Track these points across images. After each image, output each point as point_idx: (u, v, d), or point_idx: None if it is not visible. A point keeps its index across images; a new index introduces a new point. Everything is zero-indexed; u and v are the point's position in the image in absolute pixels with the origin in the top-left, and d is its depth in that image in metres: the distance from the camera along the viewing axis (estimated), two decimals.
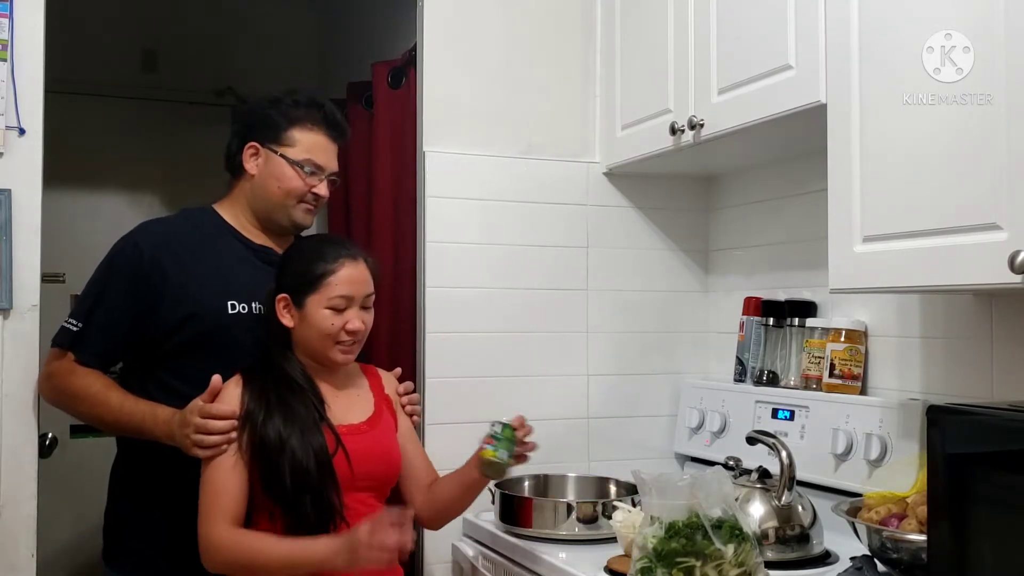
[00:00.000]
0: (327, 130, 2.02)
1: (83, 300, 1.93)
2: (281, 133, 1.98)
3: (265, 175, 1.98)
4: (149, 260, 1.89)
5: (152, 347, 1.90)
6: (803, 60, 1.81)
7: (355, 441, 1.80)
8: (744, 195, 2.53)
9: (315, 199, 2.01)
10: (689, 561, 1.55)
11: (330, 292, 1.80)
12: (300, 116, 2.00)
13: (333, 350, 1.82)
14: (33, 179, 1.98)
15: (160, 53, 4.00)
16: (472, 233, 2.41)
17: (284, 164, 1.97)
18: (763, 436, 1.93)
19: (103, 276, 1.94)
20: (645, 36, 2.33)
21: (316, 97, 2.05)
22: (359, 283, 1.84)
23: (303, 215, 2.01)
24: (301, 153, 1.97)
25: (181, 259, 1.91)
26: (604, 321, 2.52)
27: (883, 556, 1.65)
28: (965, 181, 1.44)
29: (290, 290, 1.83)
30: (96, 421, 1.89)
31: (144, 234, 1.96)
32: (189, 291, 1.89)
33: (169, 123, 3.93)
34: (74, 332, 1.90)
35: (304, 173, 1.97)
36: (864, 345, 2.08)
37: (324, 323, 1.80)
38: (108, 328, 1.90)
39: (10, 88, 1.95)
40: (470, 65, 2.45)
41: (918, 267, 1.52)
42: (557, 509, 2.08)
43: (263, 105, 2.04)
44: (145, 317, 1.89)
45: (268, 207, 1.99)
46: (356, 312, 1.83)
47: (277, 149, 1.97)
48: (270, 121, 2.00)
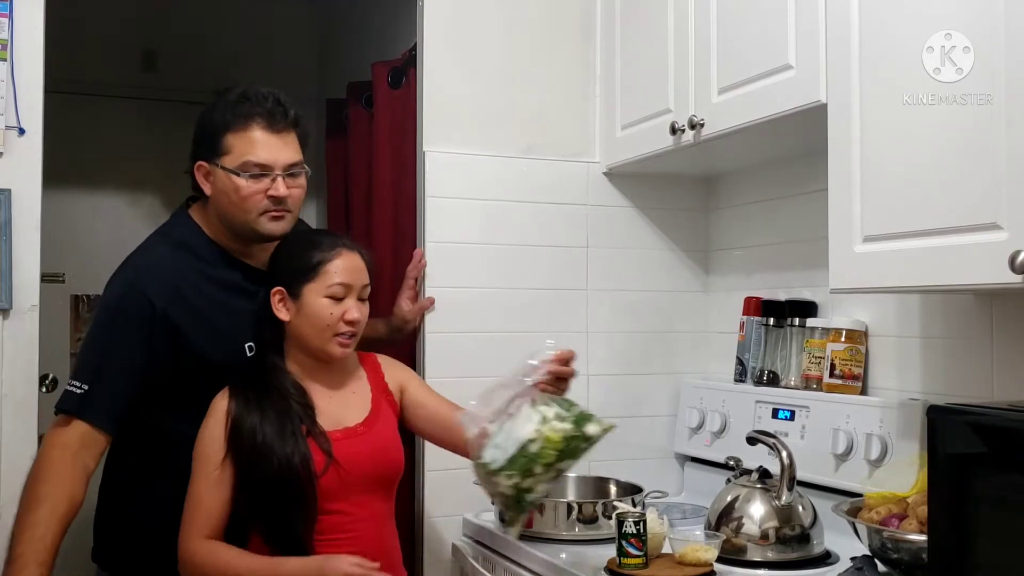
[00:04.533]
0: (261, 121, 1.82)
1: (86, 358, 1.82)
2: (218, 143, 1.82)
3: (217, 193, 1.84)
4: (161, 314, 1.79)
5: (159, 392, 1.83)
6: (803, 60, 1.81)
7: (350, 445, 1.78)
8: (744, 195, 2.52)
9: (276, 202, 1.82)
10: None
11: (328, 279, 1.76)
12: (229, 119, 1.82)
13: (331, 343, 1.78)
14: (33, 179, 1.98)
15: (160, 53, 4.00)
16: (472, 233, 2.41)
17: (226, 176, 1.81)
18: (763, 436, 1.93)
19: (108, 329, 1.80)
20: (645, 36, 2.33)
21: (248, 89, 1.85)
22: (357, 271, 1.80)
23: (270, 224, 1.84)
24: (238, 158, 1.80)
25: (193, 307, 1.82)
26: (604, 321, 2.52)
27: (883, 556, 1.65)
28: (965, 181, 1.44)
29: (286, 281, 1.79)
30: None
31: (146, 281, 1.81)
32: (204, 342, 1.82)
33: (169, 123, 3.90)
34: (79, 395, 1.76)
35: (248, 179, 1.80)
36: (864, 345, 2.08)
37: (322, 313, 1.76)
38: (121, 386, 1.78)
39: (10, 88, 1.95)
40: (470, 65, 2.45)
41: (918, 267, 1.52)
42: (557, 509, 2.08)
43: (202, 116, 1.88)
44: (157, 369, 1.80)
45: (232, 224, 1.86)
46: (354, 302, 1.79)
47: (218, 162, 1.82)
48: (206, 132, 1.85)
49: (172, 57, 4.00)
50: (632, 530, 1.76)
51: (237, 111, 1.82)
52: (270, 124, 1.82)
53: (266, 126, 1.82)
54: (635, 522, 1.76)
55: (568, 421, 1.66)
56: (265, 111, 1.82)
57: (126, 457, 1.92)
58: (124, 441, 1.87)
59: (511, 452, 1.62)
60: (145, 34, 3.96)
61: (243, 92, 1.85)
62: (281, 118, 1.84)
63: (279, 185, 1.82)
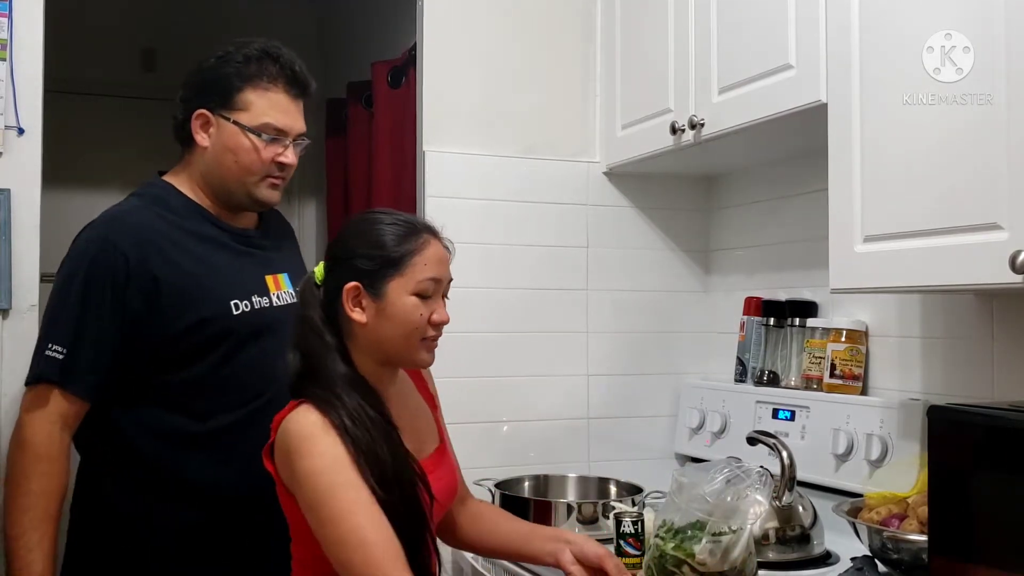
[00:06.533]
0: (286, 85, 1.75)
1: (60, 318, 1.65)
2: (233, 96, 1.71)
3: (219, 147, 1.72)
4: (136, 265, 1.64)
5: (147, 358, 1.68)
6: (803, 60, 1.81)
7: (437, 479, 1.51)
8: (744, 195, 2.52)
9: (280, 169, 1.74)
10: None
11: (418, 274, 1.46)
12: (252, 72, 1.72)
13: (419, 349, 1.49)
14: (32, 179, 1.98)
15: (160, 53, 4.00)
16: (472, 233, 2.40)
17: (239, 133, 1.71)
18: (764, 436, 1.93)
19: (81, 288, 1.65)
20: (645, 36, 2.33)
21: (270, 47, 1.75)
22: (446, 264, 1.53)
23: (268, 191, 1.75)
24: (257, 117, 1.71)
25: (171, 259, 1.67)
26: (604, 321, 2.52)
27: (884, 556, 1.65)
28: (965, 181, 1.44)
29: (364, 275, 1.46)
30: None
31: (119, 233, 1.68)
32: (191, 296, 1.67)
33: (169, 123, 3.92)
34: (60, 361, 1.62)
35: (263, 141, 1.71)
36: (865, 345, 2.08)
37: (412, 314, 1.45)
38: (100, 348, 1.64)
39: (9, 88, 1.95)
40: (470, 65, 2.45)
41: (919, 267, 1.52)
42: (557, 509, 2.08)
43: (211, 63, 1.75)
44: (138, 329, 1.65)
45: (225, 184, 1.74)
46: (441, 301, 1.52)
47: (229, 115, 1.71)
48: (219, 82, 1.72)
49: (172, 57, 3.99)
50: (630, 530, 1.76)
51: (263, 68, 1.73)
52: (295, 91, 1.77)
53: (288, 90, 1.75)
54: (633, 522, 1.76)
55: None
56: (291, 75, 1.76)
57: (107, 478, 1.73)
58: (107, 455, 1.72)
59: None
60: (145, 33, 3.96)
61: (265, 49, 1.74)
62: (303, 86, 1.78)
63: (289, 152, 1.75)
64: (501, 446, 2.40)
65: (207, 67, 1.76)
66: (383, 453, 1.39)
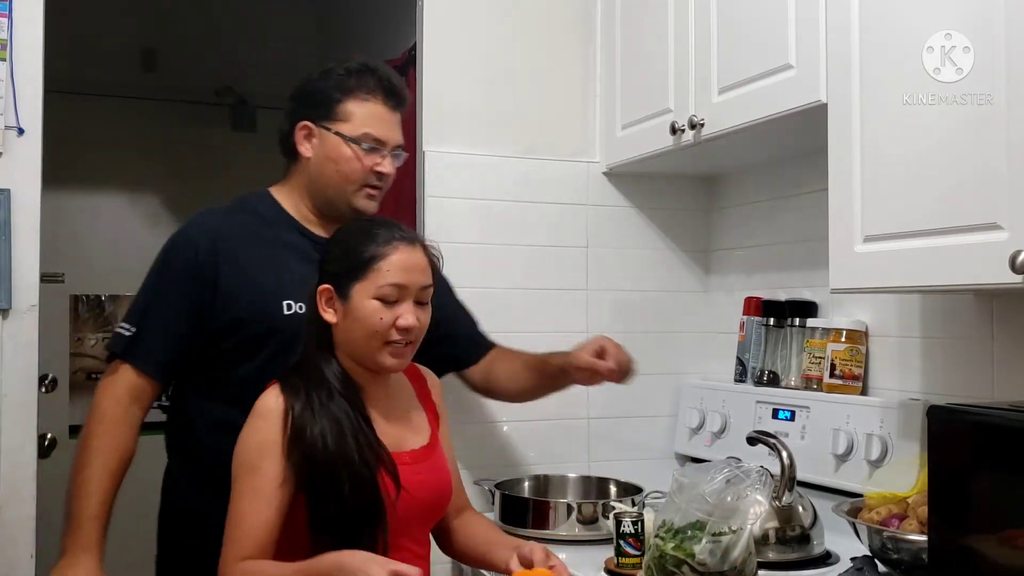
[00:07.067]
0: (385, 97, 1.84)
1: (137, 302, 1.82)
2: (334, 107, 1.82)
3: (321, 157, 1.82)
4: (204, 256, 1.77)
5: (205, 349, 1.79)
6: (803, 60, 1.81)
7: (418, 472, 1.57)
8: (744, 195, 2.52)
9: (379, 179, 1.83)
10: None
11: (379, 279, 1.52)
12: (352, 85, 1.82)
13: (381, 352, 1.55)
14: (32, 179, 1.98)
15: (160, 53, 4.00)
16: (472, 233, 2.41)
17: (340, 143, 1.81)
18: (764, 436, 1.93)
19: (157, 274, 1.82)
20: (645, 36, 2.33)
21: (369, 62, 1.87)
22: (414, 271, 1.55)
23: (365, 201, 1.83)
24: (357, 128, 1.81)
25: (234, 255, 1.78)
26: (604, 321, 2.52)
27: (884, 556, 1.65)
28: (965, 181, 1.44)
29: (333, 279, 1.56)
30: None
31: (197, 228, 1.83)
32: (241, 293, 1.76)
33: (169, 123, 3.93)
34: (128, 337, 1.77)
35: (363, 151, 1.81)
36: (865, 345, 2.08)
37: (371, 317, 1.52)
38: (165, 330, 1.77)
39: (9, 88, 1.95)
40: (470, 65, 2.45)
41: (919, 267, 1.52)
42: (557, 509, 2.08)
43: (314, 78, 1.88)
44: (200, 318, 1.77)
45: (327, 193, 1.83)
46: (410, 306, 1.55)
47: (331, 126, 1.81)
48: (321, 95, 1.83)
49: (172, 57, 4.00)
50: (630, 530, 1.76)
51: (362, 81, 1.83)
52: (393, 103, 1.86)
53: (386, 102, 1.85)
54: (633, 522, 1.76)
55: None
56: (389, 87, 1.85)
57: (181, 474, 1.87)
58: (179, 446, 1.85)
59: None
60: (145, 34, 3.96)
61: (364, 64, 1.86)
62: (400, 98, 1.87)
63: (388, 163, 1.84)
64: (501, 446, 2.40)
65: (310, 81, 1.88)
66: (331, 443, 1.48)
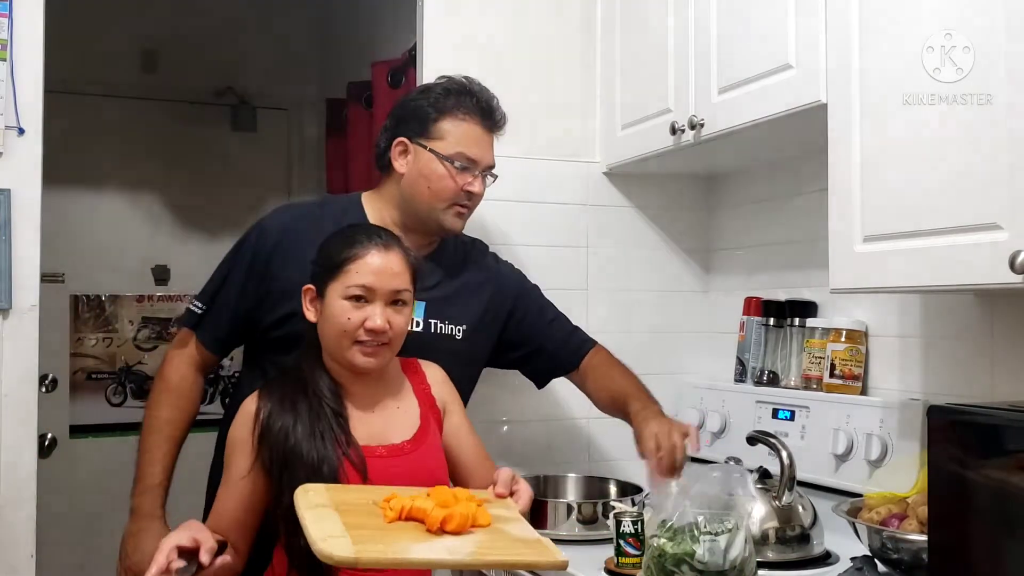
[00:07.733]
0: (481, 119, 1.88)
1: (209, 282, 1.89)
2: (430, 125, 1.84)
3: (414, 174, 1.85)
4: (271, 247, 1.83)
5: (260, 337, 1.86)
6: (803, 60, 1.81)
7: (393, 465, 1.62)
8: (744, 195, 2.52)
9: (468, 198, 1.86)
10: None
11: (348, 280, 1.59)
12: (450, 105, 1.86)
13: (351, 351, 1.61)
14: (33, 179, 1.99)
15: (160, 53, 4.00)
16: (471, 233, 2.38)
17: (434, 160, 1.83)
18: (763, 436, 1.93)
19: (230, 258, 1.89)
20: (645, 36, 2.33)
21: (467, 82, 1.91)
22: (385, 275, 1.61)
23: (453, 219, 1.87)
24: (452, 147, 1.83)
25: (298, 251, 1.77)
26: (604, 321, 2.52)
27: (883, 556, 1.65)
28: (965, 181, 1.44)
29: (315, 279, 1.65)
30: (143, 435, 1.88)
31: (273, 219, 1.89)
32: (292, 291, 1.74)
33: (169, 123, 3.93)
34: (198, 314, 1.88)
35: (456, 169, 1.83)
36: (864, 345, 2.08)
37: (340, 316, 1.59)
38: (228, 311, 1.85)
39: (10, 88, 1.95)
40: (470, 65, 2.44)
41: (918, 267, 1.52)
42: (557, 509, 2.08)
43: (412, 96, 1.92)
44: (255, 306, 1.84)
45: (417, 209, 1.86)
46: (380, 308, 1.60)
47: (426, 144, 1.84)
48: (418, 113, 1.86)
49: (172, 57, 4.00)
50: (630, 530, 1.76)
51: (460, 101, 1.87)
52: (489, 124, 1.89)
53: (482, 123, 1.88)
54: (633, 522, 1.76)
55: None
56: (486, 109, 1.89)
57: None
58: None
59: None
60: (145, 34, 3.96)
61: (463, 84, 1.90)
62: (496, 121, 1.91)
63: (478, 183, 1.87)
64: (501, 446, 2.40)
65: (409, 99, 1.92)
66: (292, 437, 1.56)
